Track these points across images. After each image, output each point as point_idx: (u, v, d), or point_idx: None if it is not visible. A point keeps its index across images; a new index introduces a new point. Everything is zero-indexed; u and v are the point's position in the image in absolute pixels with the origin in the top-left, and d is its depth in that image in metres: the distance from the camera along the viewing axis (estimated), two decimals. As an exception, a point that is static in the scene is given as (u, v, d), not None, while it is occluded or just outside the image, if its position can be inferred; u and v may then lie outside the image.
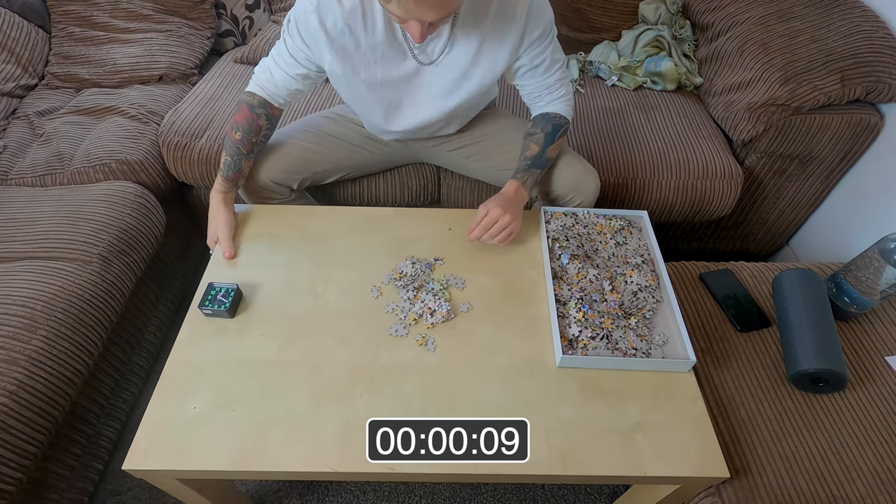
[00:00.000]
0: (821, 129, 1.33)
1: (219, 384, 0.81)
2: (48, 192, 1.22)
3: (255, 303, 0.92)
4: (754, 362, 0.93)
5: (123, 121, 1.40)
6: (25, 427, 0.90)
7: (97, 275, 1.08)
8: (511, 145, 1.15)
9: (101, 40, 1.56)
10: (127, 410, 1.27)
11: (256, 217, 1.07)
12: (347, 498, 1.20)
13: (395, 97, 1.05)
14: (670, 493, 0.85)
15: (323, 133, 1.18)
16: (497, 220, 0.96)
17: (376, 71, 0.98)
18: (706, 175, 1.37)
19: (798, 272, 0.97)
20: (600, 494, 1.21)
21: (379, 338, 0.88)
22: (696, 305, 1.02)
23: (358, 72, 0.99)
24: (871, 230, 1.40)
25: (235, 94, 1.49)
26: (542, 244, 1.01)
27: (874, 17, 1.33)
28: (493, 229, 0.96)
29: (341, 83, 1.04)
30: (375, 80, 1.00)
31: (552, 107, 1.08)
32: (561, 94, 1.08)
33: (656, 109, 1.53)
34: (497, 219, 0.96)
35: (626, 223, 1.05)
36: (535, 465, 0.74)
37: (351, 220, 1.07)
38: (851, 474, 0.80)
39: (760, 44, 1.40)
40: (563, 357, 0.83)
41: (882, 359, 0.94)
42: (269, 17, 1.75)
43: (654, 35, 1.62)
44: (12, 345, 0.93)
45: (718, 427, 0.84)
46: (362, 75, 0.99)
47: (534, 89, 1.07)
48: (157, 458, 0.74)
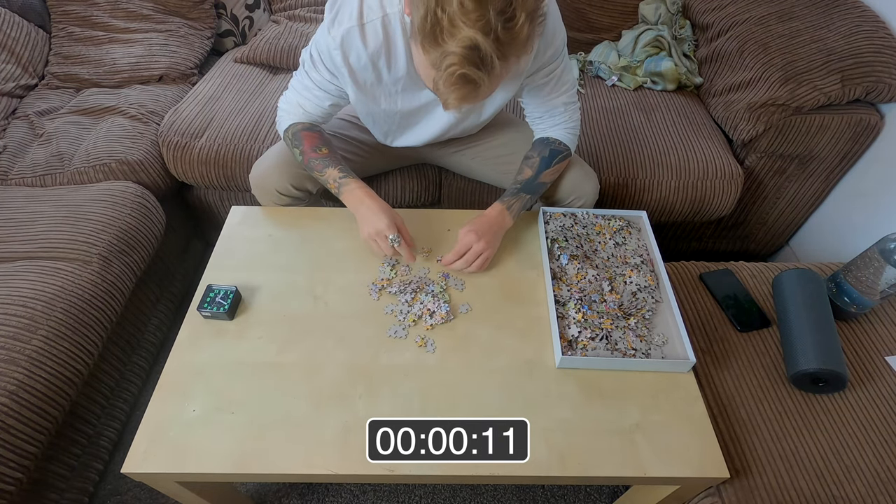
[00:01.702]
0: (821, 129, 1.33)
1: (218, 386, 0.81)
2: (48, 192, 1.22)
3: (254, 305, 0.92)
4: (754, 362, 0.93)
5: (123, 121, 1.40)
6: (25, 427, 0.90)
7: (97, 275, 1.08)
8: (515, 146, 1.15)
9: (101, 40, 1.56)
10: (127, 410, 1.27)
11: (255, 218, 1.07)
12: (347, 498, 1.20)
13: (412, 120, 1.05)
14: (670, 493, 0.85)
15: (341, 136, 1.17)
16: (470, 247, 0.95)
17: (397, 101, 0.98)
18: (706, 175, 1.37)
19: (798, 272, 0.97)
20: (600, 495, 1.21)
21: (378, 339, 0.88)
22: (696, 305, 1.02)
23: (378, 102, 0.98)
24: (871, 230, 1.39)
25: (235, 93, 1.49)
26: (541, 245, 1.01)
27: (874, 17, 1.33)
28: (467, 256, 0.95)
29: (360, 108, 1.03)
30: (395, 109, 1.00)
31: (552, 132, 1.06)
32: (563, 119, 1.05)
33: (656, 109, 1.53)
34: (470, 245, 0.94)
35: (625, 223, 1.05)
36: (534, 466, 0.74)
37: (350, 222, 1.06)
38: (851, 474, 0.79)
39: (760, 44, 1.40)
40: (562, 358, 0.83)
41: (882, 359, 0.94)
42: (268, 17, 1.75)
43: (654, 35, 1.62)
44: (12, 345, 0.93)
45: (718, 427, 0.84)
46: (382, 105, 0.98)
47: (535, 109, 1.05)
48: (156, 461, 0.74)
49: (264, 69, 1.60)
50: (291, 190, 1.08)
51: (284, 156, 1.09)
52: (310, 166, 1.00)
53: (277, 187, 1.07)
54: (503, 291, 0.96)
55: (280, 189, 1.08)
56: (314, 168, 1.00)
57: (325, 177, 0.99)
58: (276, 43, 1.58)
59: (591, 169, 1.15)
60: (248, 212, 1.08)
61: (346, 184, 0.98)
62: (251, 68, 1.60)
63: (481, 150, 1.21)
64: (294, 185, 1.08)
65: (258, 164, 1.11)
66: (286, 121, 1.03)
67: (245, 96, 1.48)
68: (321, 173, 0.99)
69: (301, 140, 1.00)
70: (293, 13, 1.68)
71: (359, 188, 0.97)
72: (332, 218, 1.07)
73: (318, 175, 1.00)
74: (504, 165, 1.18)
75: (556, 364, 0.85)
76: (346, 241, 1.03)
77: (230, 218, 1.06)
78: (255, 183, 1.10)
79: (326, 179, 0.99)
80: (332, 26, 0.84)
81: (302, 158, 1.01)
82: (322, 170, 0.99)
